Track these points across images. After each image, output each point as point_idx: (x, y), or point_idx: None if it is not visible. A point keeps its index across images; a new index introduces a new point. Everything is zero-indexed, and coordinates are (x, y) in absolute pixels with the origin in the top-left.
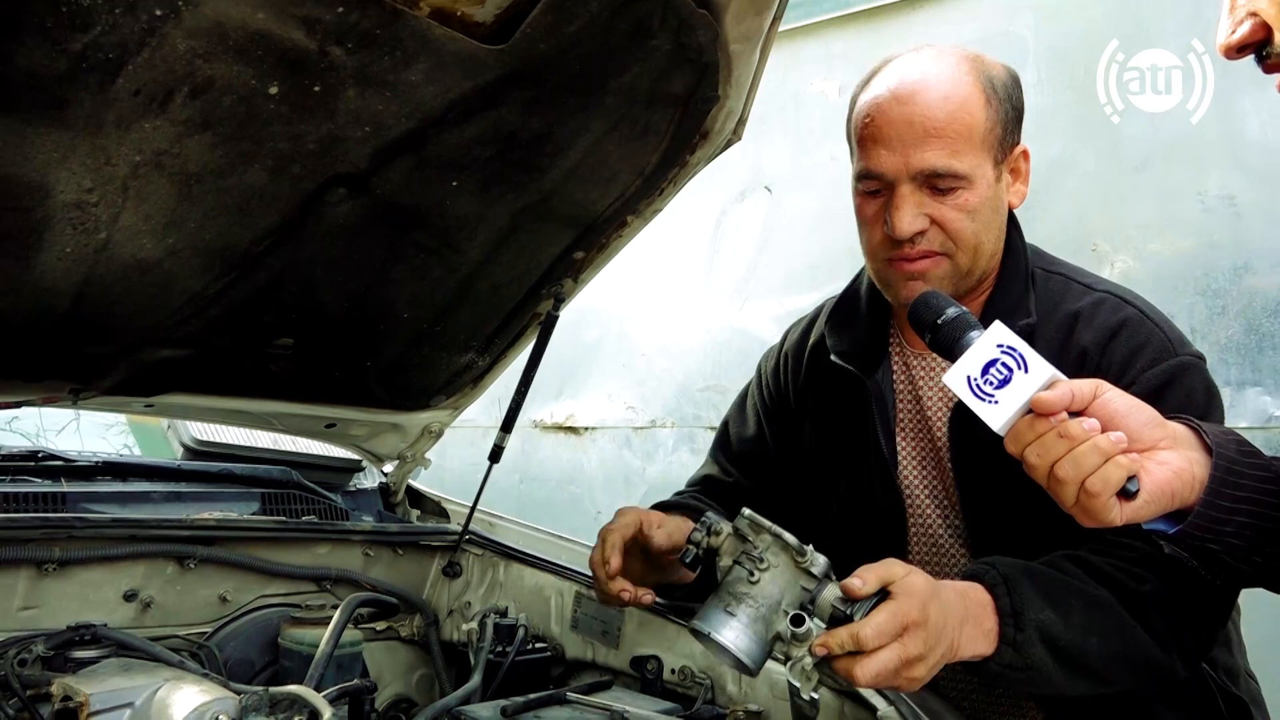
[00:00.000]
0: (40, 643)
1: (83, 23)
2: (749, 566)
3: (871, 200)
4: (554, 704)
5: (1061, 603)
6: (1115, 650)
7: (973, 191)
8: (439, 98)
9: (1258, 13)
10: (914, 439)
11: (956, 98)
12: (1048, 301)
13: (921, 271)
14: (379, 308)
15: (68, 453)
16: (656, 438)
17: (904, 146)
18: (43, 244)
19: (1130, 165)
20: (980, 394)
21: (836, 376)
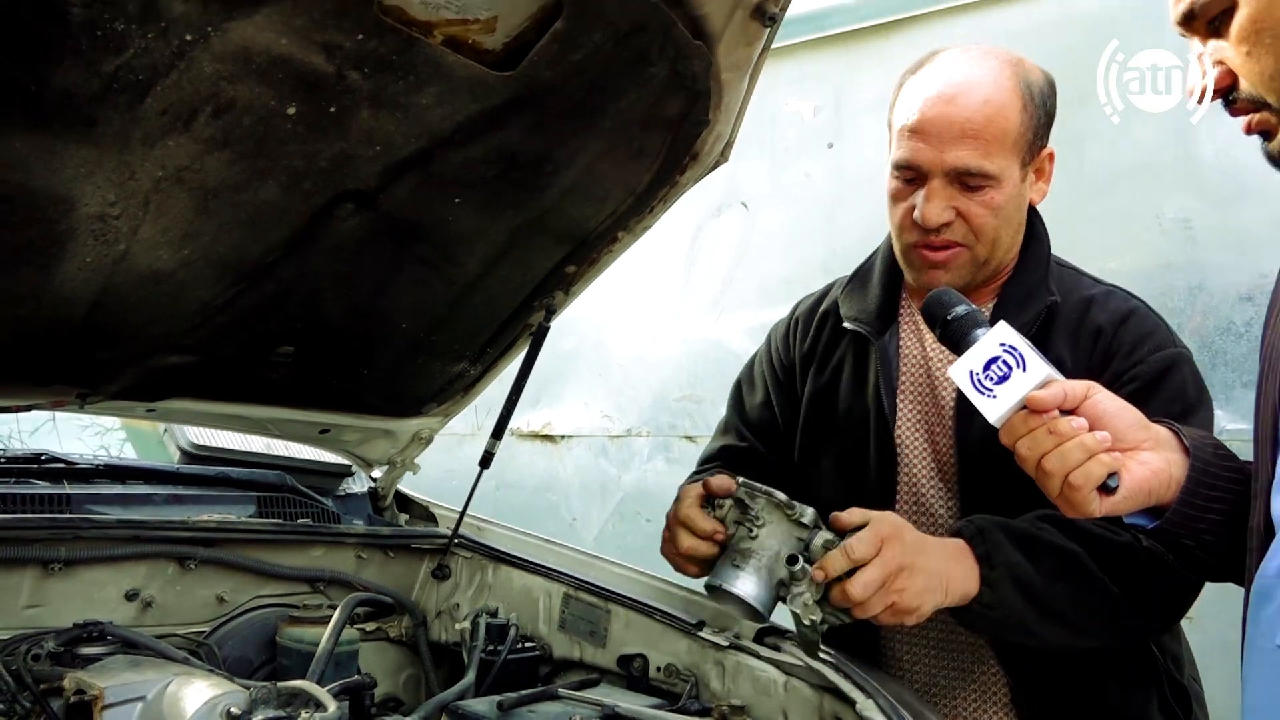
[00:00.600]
0: (50, 639)
1: (117, 46)
2: (749, 526)
3: (905, 185)
4: (546, 699)
5: (1030, 549)
6: (1084, 598)
7: (999, 190)
8: (447, 120)
9: (1224, 61)
10: (915, 401)
11: (995, 102)
12: (1064, 287)
13: (943, 261)
14: (378, 318)
15: (69, 455)
16: (632, 446)
17: (941, 144)
18: (65, 254)
19: (1093, 188)
20: (980, 388)
21: (844, 339)
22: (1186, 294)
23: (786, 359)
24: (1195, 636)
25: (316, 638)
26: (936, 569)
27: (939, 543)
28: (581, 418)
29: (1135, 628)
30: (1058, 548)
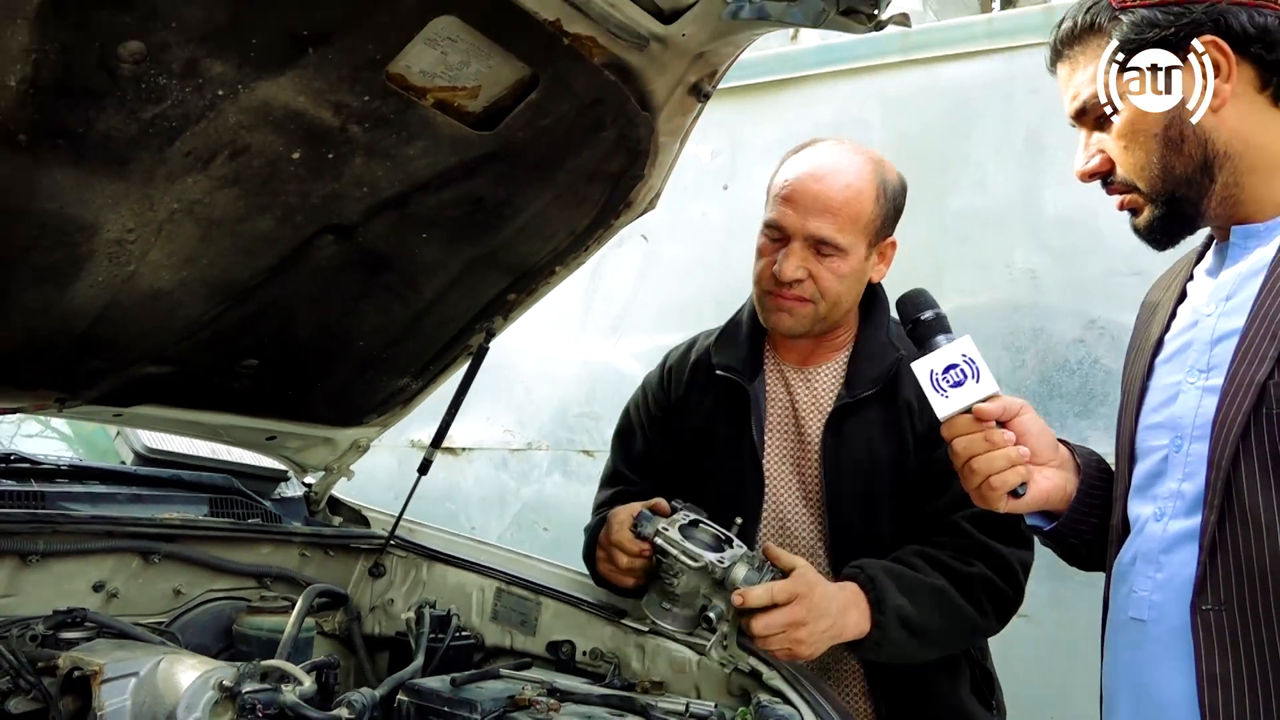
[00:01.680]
0: (40, 623)
1: (157, 97)
2: (665, 577)
3: (771, 243)
4: (490, 678)
5: (912, 592)
6: (950, 624)
7: (845, 261)
8: (429, 168)
9: (1105, 150)
10: (782, 437)
11: (855, 188)
12: (907, 343)
13: (790, 309)
14: (341, 336)
15: (35, 456)
16: (532, 459)
17: (806, 213)
18: (81, 273)
19: (955, 237)
20: (936, 386)
21: (717, 384)
22: (1030, 334)
23: (665, 402)
24: (1032, 631)
25: (274, 625)
26: (835, 619)
27: (839, 593)
28: (483, 431)
29: (980, 636)
30: (930, 586)
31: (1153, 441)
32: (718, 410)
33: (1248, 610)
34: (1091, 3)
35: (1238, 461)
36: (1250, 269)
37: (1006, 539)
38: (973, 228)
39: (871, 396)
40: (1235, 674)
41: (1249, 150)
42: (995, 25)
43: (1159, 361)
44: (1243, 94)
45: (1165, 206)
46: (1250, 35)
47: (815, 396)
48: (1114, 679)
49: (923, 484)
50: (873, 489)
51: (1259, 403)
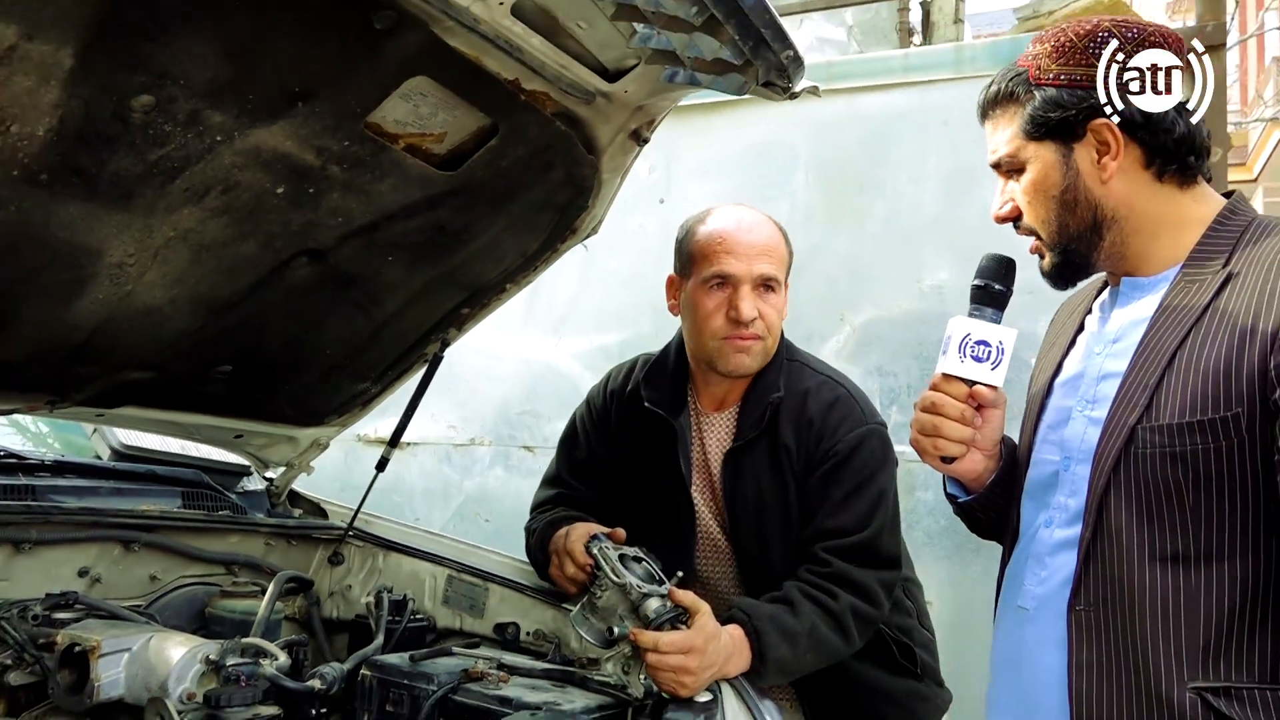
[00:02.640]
0: (38, 605)
1: (162, 141)
2: (595, 589)
3: (716, 294)
4: (444, 655)
5: (792, 639)
6: (821, 657)
7: (780, 296)
8: (397, 201)
9: (1014, 199)
10: (699, 470)
11: (774, 235)
12: (790, 381)
13: (747, 348)
14: (309, 346)
15: (21, 451)
16: (475, 454)
17: (750, 258)
18: (84, 292)
19: (870, 255)
20: (962, 349)
21: (649, 417)
22: (936, 345)
23: (605, 419)
24: (932, 613)
25: (245, 608)
26: (720, 666)
27: (728, 642)
28: (427, 427)
29: (850, 649)
30: (807, 629)
31: (1047, 455)
32: (650, 438)
33: (1113, 612)
34: (1015, 73)
35: (1109, 488)
36: (1134, 318)
37: (868, 563)
38: (888, 246)
39: (756, 439)
40: (1099, 664)
41: (1134, 215)
42: (911, 60)
43: (1057, 383)
44: (1130, 169)
45: (1061, 256)
46: (1138, 122)
47: (717, 439)
48: (999, 658)
49: (800, 516)
50: (764, 522)
51: (1129, 442)
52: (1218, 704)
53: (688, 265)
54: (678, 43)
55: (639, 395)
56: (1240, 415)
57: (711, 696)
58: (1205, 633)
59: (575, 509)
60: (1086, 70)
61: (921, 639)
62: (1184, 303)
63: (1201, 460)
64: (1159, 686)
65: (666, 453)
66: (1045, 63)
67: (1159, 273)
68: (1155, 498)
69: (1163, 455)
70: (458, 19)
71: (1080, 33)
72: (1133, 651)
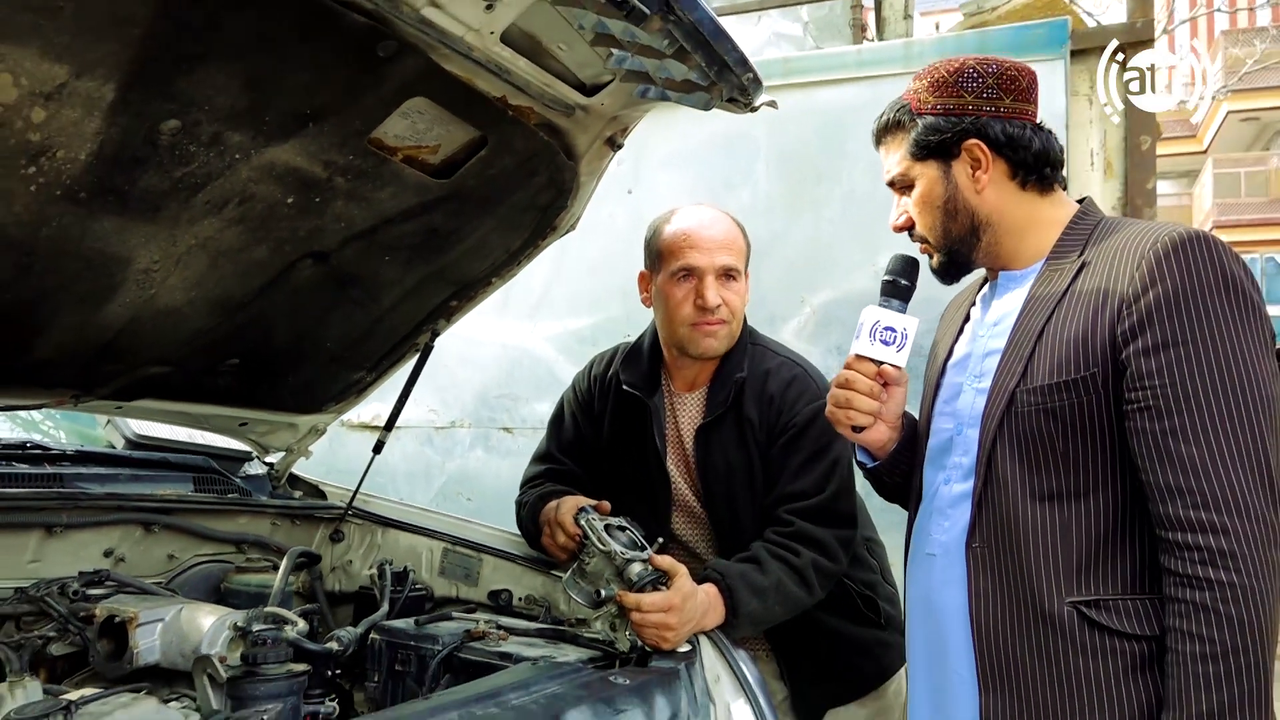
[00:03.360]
0: (75, 582)
1: (187, 160)
2: (583, 556)
3: (683, 285)
4: (445, 619)
5: (761, 594)
6: (788, 609)
7: (741, 284)
8: (395, 207)
9: (907, 211)
10: (673, 443)
11: (734, 230)
12: (754, 362)
13: (713, 332)
14: (312, 339)
15: (45, 443)
16: (455, 436)
17: (711, 251)
18: (113, 297)
19: (827, 240)
20: (873, 334)
21: (627, 398)
22: None
23: (589, 401)
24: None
25: (260, 582)
26: (697, 620)
27: (703, 599)
28: (409, 411)
29: (813, 600)
30: (774, 584)
31: (943, 425)
32: (629, 417)
33: (1003, 546)
34: (900, 105)
35: (996, 443)
36: (1010, 305)
37: (827, 523)
38: (844, 232)
39: (724, 415)
40: (993, 591)
41: (1004, 219)
42: (864, 56)
43: (949, 364)
44: (999, 180)
45: (946, 256)
46: (1003, 141)
47: (689, 416)
48: (913, 595)
49: (765, 483)
50: (733, 489)
51: (1010, 403)
52: (1090, 614)
53: (657, 261)
54: (650, 65)
55: (619, 379)
56: (1097, 374)
57: (690, 648)
58: (1078, 556)
59: (563, 483)
60: (958, 100)
61: (885, 593)
62: (1048, 290)
63: (1069, 413)
64: (1042, 604)
65: (644, 430)
66: (924, 96)
67: (1027, 266)
68: (1033, 447)
69: (1038, 411)
70: (453, 46)
71: (951, 70)
72: (1020, 577)
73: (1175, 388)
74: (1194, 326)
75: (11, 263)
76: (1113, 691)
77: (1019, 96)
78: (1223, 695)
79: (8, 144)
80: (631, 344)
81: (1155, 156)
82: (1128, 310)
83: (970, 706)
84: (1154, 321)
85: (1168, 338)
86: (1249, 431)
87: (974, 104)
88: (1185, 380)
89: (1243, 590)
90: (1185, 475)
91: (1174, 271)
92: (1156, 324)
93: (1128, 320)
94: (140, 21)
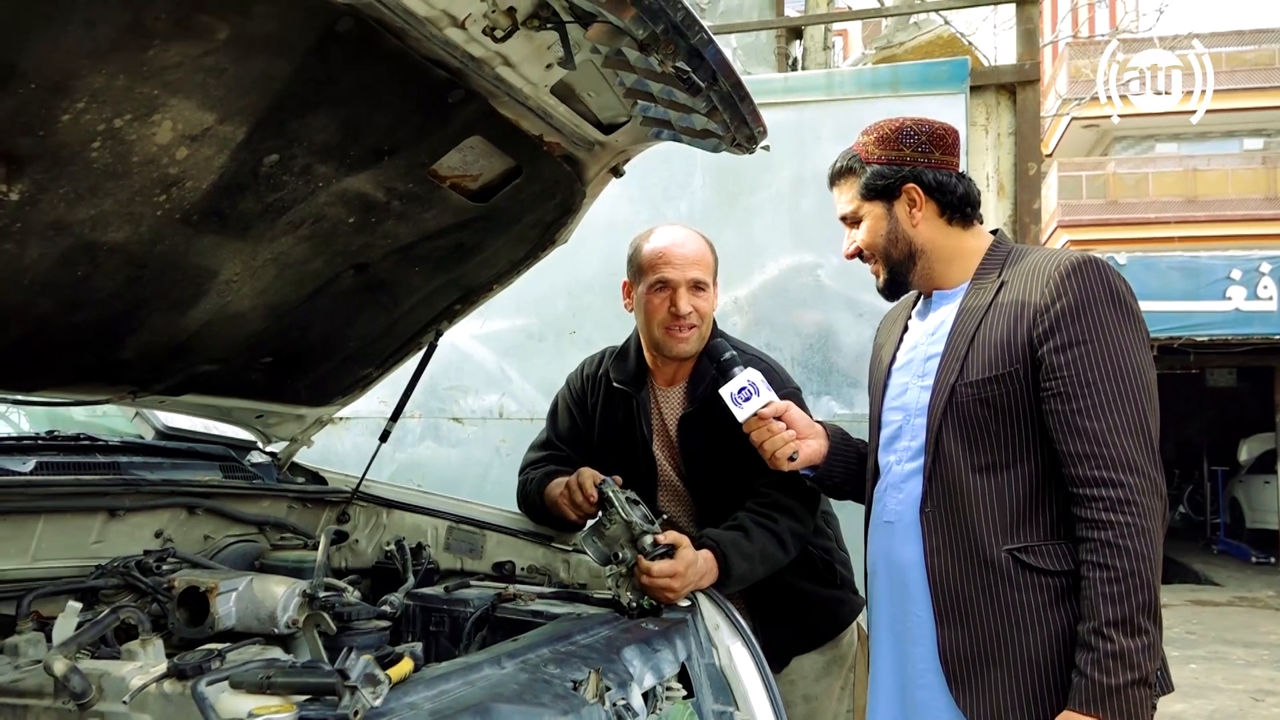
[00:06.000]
0: (150, 559)
1: (278, 188)
2: (604, 520)
3: (660, 295)
4: (466, 587)
5: (749, 558)
6: (768, 568)
7: (710, 294)
8: (435, 225)
9: (855, 241)
10: (659, 432)
11: (703, 249)
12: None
13: (685, 337)
14: (338, 339)
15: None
16: (405, 426)
17: (683, 267)
18: (197, 304)
19: (759, 248)
20: (735, 401)
21: (617, 394)
22: (815, 324)
23: (583, 397)
24: None
25: (297, 558)
26: (695, 581)
27: (701, 563)
28: (360, 402)
29: (788, 559)
30: (759, 549)
31: (892, 417)
32: (618, 410)
33: (949, 509)
34: (852, 154)
35: (941, 428)
36: (944, 316)
37: (797, 494)
38: (773, 239)
39: (701, 407)
40: (943, 546)
41: (935, 248)
42: (790, 84)
43: (894, 369)
44: (930, 217)
45: (889, 275)
46: (934, 186)
47: (671, 408)
48: (874, 557)
49: (742, 462)
50: (713, 470)
51: (951, 395)
52: (1022, 557)
53: (637, 274)
54: (673, 115)
55: (609, 377)
56: (1019, 369)
57: (690, 603)
58: (1010, 513)
59: (561, 465)
60: (899, 153)
61: (840, 558)
62: (975, 303)
63: (999, 400)
64: (984, 553)
65: (632, 420)
66: (871, 148)
67: (956, 286)
68: (971, 429)
69: (974, 401)
70: (511, 95)
71: (893, 128)
72: (965, 533)
73: (1079, 377)
74: (1091, 329)
75: (126, 275)
76: (1041, 615)
77: (946, 151)
78: (1124, 607)
79: (150, 176)
80: (619, 346)
81: (1040, 180)
82: (1041, 318)
83: (929, 641)
84: (1061, 326)
85: (1072, 338)
86: (1135, 408)
87: (911, 156)
88: (1087, 371)
89: (1135, 528)
90: (1089, 443)
91: (1074, 287)
92: (1063, 328)
93: (1041, 326)
94: (280, 77)
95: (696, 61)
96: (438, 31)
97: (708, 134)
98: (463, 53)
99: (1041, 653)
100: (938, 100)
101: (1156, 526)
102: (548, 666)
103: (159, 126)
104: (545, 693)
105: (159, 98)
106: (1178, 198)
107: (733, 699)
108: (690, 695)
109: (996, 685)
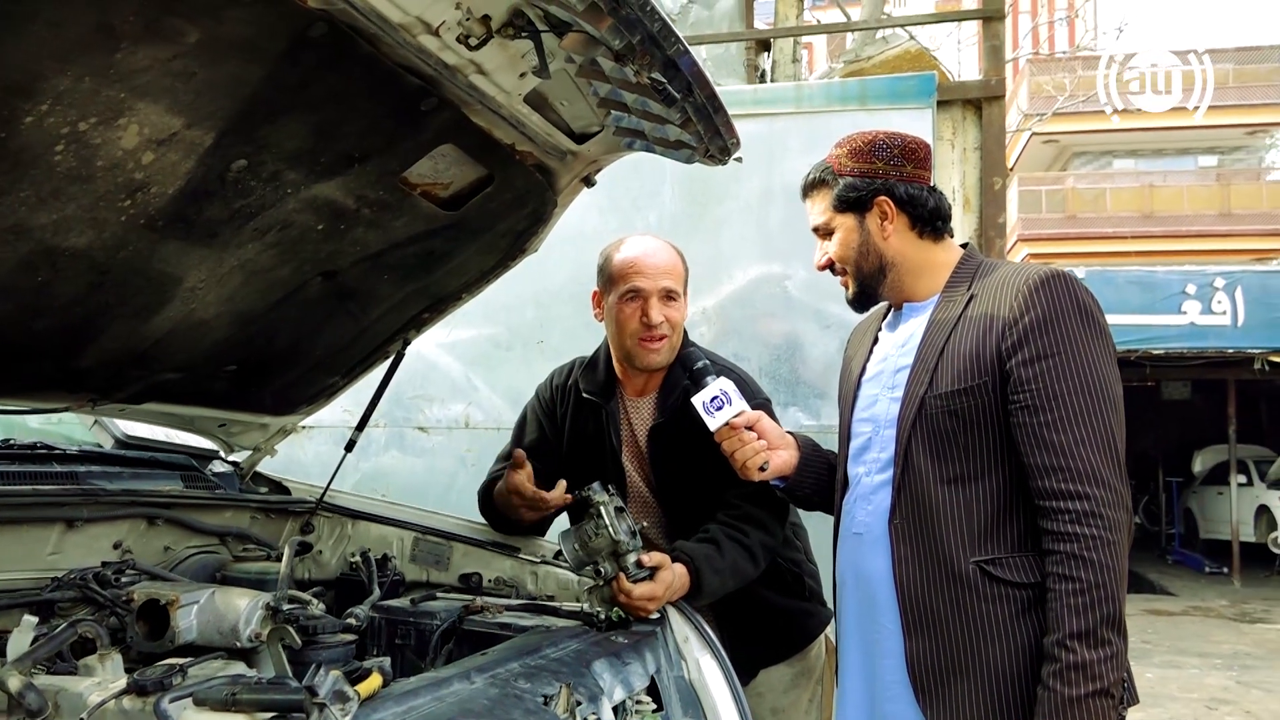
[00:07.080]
0: (107, 570)
1: (245, 194)
2: (589, 528)
3: (631, 305)
4: (432, 599)
5: (720, 572)
6: (739, 581)
7: (681, 303)
8: (405, 233)
9: (828, 252)
10: (628, 443)
11: (675, 257)
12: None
13: (656, 348)
14: (304, 347)
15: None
16: (369, 435)
17: (655, 276)
18: (160, 311)
19: (728, 257)
20: (707, 411)
21: (586, 404)
22: (783, 334)
23: (552, 407)
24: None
25: (259, 569)
26: (669, 598)
27: (676, 579)
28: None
29: (758, 572)
30: (730, 564)
31: (861, 429)
32: (588, 421)
33: (918, 520)
34: (824, 166)
35: (910, 439)
36: (914, 329)
37: (766, 506)
38: (741, 249)
39: (673, 417)
40: (911, 557)
41: (906, 261)
42: (759, 95)
43: (864, 380)
44: (901, 230)
45: (859, 288)
46: (905, 199)
47: (641, 418)
48: (843, 568)
49: (712, 473)
50: (683, 481)
51: (920, 407)
52: (990, 569)
53: (608, 284)
54: (646, 125)
55: (578, 387)
56: (987, 382)
57: (660, 615)
58: (978, 525)
59: None
60: (871, 166)
61: (809, 570)
62: (945, 316)
63: (967, 412)
64: (952, 564)
65: (601, 431)
66: (844, 160)
67: (926, 299)
68: (939, 441)
69: (943, 412)
70: (484, 103)
71: (865, 141)
72: (934, 545)
73: (1047, 390)
74: (1059, 343)
75: (88, 281)
76: (1007, 627)
77: (918, 165)
78: (1088, 619)
79: (115, 181)
80: (589, 357)
81: (1005, 195)
82: (1009, 331)
83: (896, 652)
84: (1030, 340)
85: (1040, 352)
86: (1101, 422)
87: (883, 169)
88: (1054, 384)
89: (1100, 541)
90: (1056, 456)
91: (1042, 301)
92: (1031, 342)
93: (1009, 339)
94: (250, 82)
95: (672, 73)
96: (411, 38)
97: (681, 145)
98: (436, 60)
99: (1008, 664)
100: (905, 114)
101: (1122, 539)
102: (518, 681)
103: (125, 130)
104: (516, 708)
105: (126, 101)
106: (1134, 213)
107: (702, 712)
108: (660, 708)
109: (964, 697)
